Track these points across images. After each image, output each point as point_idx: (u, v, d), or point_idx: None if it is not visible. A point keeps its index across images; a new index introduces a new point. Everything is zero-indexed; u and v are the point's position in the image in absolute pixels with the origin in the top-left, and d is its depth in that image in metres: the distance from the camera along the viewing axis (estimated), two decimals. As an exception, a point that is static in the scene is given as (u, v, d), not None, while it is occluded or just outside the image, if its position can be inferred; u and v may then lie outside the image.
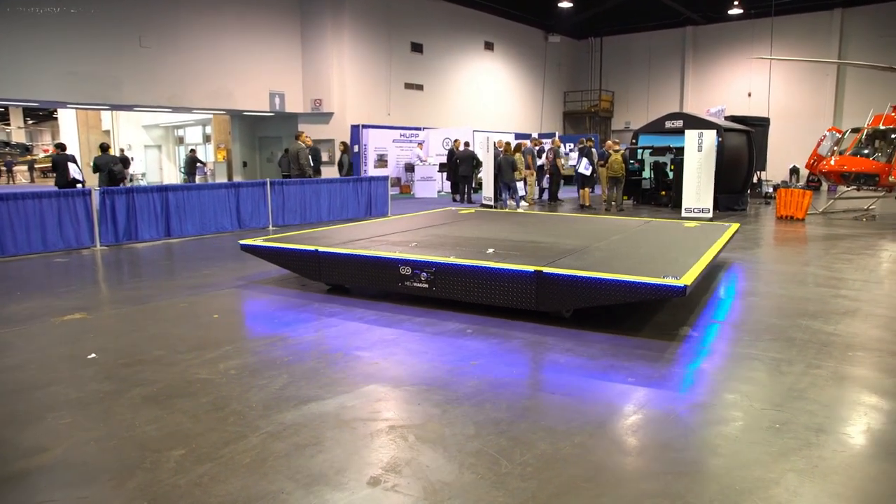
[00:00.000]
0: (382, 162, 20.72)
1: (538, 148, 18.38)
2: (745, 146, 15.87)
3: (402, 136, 21.44)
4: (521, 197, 16.27)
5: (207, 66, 17.56)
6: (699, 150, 13.55)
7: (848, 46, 25.06)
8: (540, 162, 17.99)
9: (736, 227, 8.67)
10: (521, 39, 27.76)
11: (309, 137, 14.46)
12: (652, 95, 29.81)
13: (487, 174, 16.24)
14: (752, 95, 26.11)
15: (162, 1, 16.33)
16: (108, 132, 26.25)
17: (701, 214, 13.30)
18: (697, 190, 13.65)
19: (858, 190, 14.55)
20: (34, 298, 6.59)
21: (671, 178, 16.23)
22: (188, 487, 2.87)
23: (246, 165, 23.37)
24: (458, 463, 3.09)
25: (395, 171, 20.96)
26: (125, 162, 13.35)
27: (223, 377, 4.25)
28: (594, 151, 16.25)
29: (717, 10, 26.14)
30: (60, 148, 12.83)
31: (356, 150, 20.32)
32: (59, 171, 11.86)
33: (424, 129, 22.23)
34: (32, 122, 44.47)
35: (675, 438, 3.37)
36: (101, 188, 10.37)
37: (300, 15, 19.82)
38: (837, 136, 15.81)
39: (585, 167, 15.81)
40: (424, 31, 22.89)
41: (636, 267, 5.51)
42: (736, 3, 24.35)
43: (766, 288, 7.26)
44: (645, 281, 4.97)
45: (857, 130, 14.90)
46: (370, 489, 2.86)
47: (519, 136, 22.77)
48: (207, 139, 26.07)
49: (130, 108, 18.66)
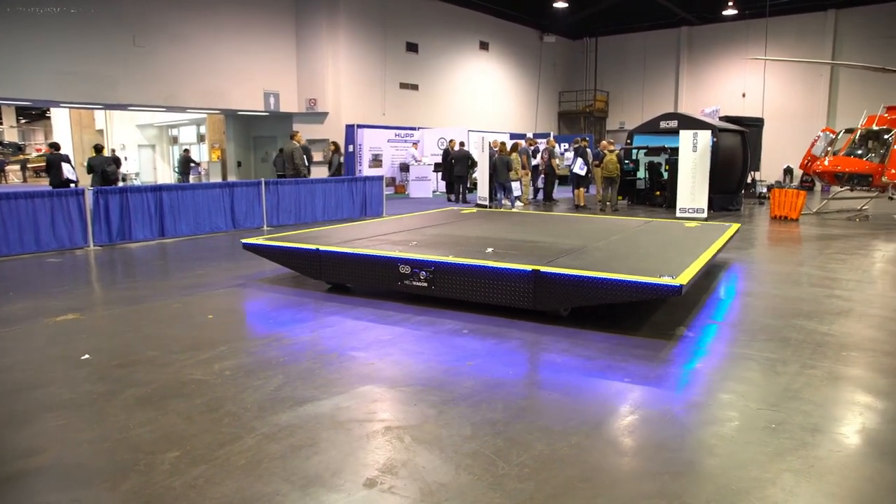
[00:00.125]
0: (377, 162, 20.68)
1: (533, 148, 18.40)
2: (739, 146, 15.92)
3: (396, 135, 21.41)
4: (516, 197, 16.28)
5: (202, 65, 17.50)
6: (694, 150, 13.58)
7: (842, 47, 25.17)
8: (535, 162, 18.00)
9: (736, 227, 8.70)
10: (516, 39, 27.77)
11: (301, 137, 14.42)
12: (647, 96, 29.87)
13: (482, 174, 16.24)
14: (746, 96, 26.17)
15: (156, 0, 16.26)
16: (101, 132, 26.14)
17: (695, 214, 13.32)
18: (692, 190, 13.68)
19: (852, 190, 14.62)
20: (27, 299, 6.55)
21: (666, 178, 16.27)
22: (183, 490, 2.85)
23: (240, 165, 23.31)
24: (454, 464, 3.08)
25: (389, 171, 20.92)
26: (116, 162, 13.29)
27: (218, 378, 4.23)
28: (589, 151, 16.26)
29: (711, 10, 26.19)
30: (54, 147, 12.76)
31: (351, 149, 20.28)
32: (53, 170, 11.79)
33: (419, 128, 22.21)
34: (25, 121, 44.23)
35: (671, 438, 3.37)
36: (94, 188, 10.31)
37: (295, 14, 19.77)
38: (831, 136, 15.87)
39: (580, 167, 15.83)
40: (420, 30, 22.87)
41: (633, 266, 5.52)
42: (730, 3, 24.40)
43: (760, 288, 7.28)
44: (641, 280, 4.99)
45: (850, 131, 14.97)
46: (366, 491, 2.84)
47: (514, 136, 22.77)
48: (202, 139, 25.97)
49: (125, 107, 18.58)
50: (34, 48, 14.11)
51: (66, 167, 11.83)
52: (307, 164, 14.34)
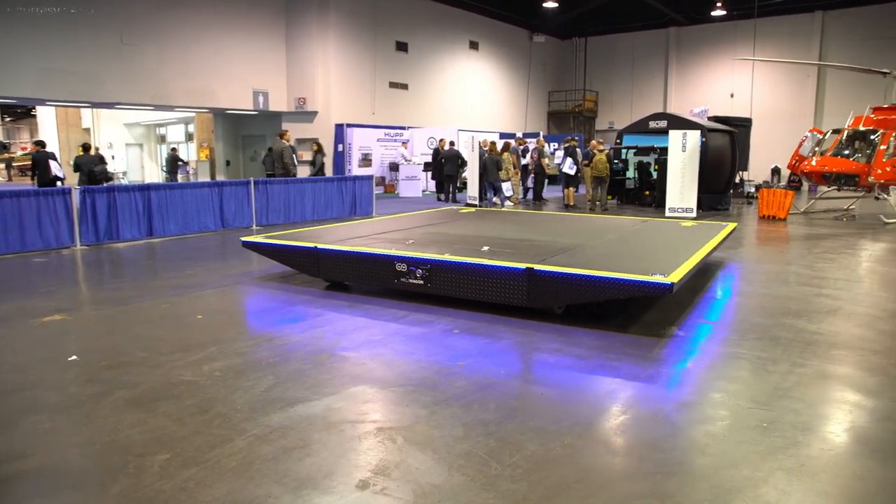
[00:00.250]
0: (367, 161, 20.64)
1: (522, 147, 18.42)
2: (728, 146, 16.00)
3: (386, 135, 21.37)
4: (506, 197, 16.29)
5: (190, 63, 17.37)
6: (683, 150, 13.64)
7: (828, 48, 25.38)
8: (524, 161, 18.02)
9: (732, 226, 8.76)
10: (505, 39, 27.79)
11: (290, 136, 14.35)
12: (636, 96, 29.99)
13: (472, 174, 16.24)
14: (734, 96, 26.33)
15: (143, -3, 16.15)
16: (88, 130, 25.89)
17: (685, 214, 13.38)
18: (681, 190, 13.74)
19: (839, 190, 14.73)
20: (12, 299, 6.46)
21: (655, 177, 16.33)
22: (173, 492, 2.82)
23: (229, 164, 23.18)
24: (447, 465, 3.06)
25: (379, 170, 20.88)
26: (101, 160, 13.23)
27: (208, 379, 4.19)
28: (578, 151, 16.30)
29: (700, 11, 26.33)
30: (40, 145, 12.65)
31: (340, 149, 20.22)
32: (40, 168, 11.71)
33: (409, 128, 22.18)
34: (10, 119, 43.73)
35: (663, 438, 3.38)
36: (81, 187, 10.21)
37: (285, 13, 19.68)
38: (818, 137, 15.97)
39: (570, 167, 15.86)
40: (409, 29, 22.84)
41: (627, 265, 5.57)
42: (719, 4, 24.55)
43: (750, 287, 7.33)
44: (632, 278, 5.05)
45: (837, 131, 15.07)
46: (359, 493, 2.82)
47: (503, 135, 22.79)
48: (190, 138, 25.81)
49: (112, 105, 18.40)
50: (19, 45, 13.93)
51: (53, 164, 11.76)
52: (296, 163, 14.30)
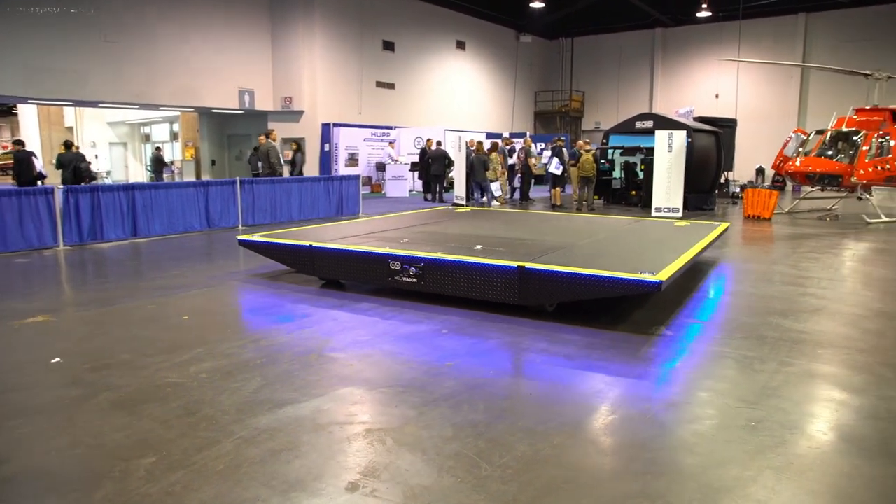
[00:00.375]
0: (353, 161, 20.56)
1: (509, 147, 18.45)
2: (713, 147, 16.10)
3: (373, 134, 21.30)
4: (494, 196, 16.29)
5: (175, 61, 17.20)
6: (669, 150, 13.72)
7: (811, 50, 25.66)
8: (511, 161, 18.05)
9: (725, 226, 8.84)
10: (492, 39, 27.80)
11: (264, 136, 14.24)
12: (622, 96, 30.13)
13: (459, 173, 16.23)
14: (719, 97, 26.55)
15: (127, -5, 15.97)
16: (71, 129, 25.55)
17: (671, 214, 13.46)
18: (667, 190, 13.81)
19: (822, 190, 14.88)
20: (-6, 300, 6.37)
21: (641, 177, 16.41)
22: (160, 496, 2.78)
23: (214, 164, 22.99)
24: (437, 466, 3.05)
25: (366, 170, 20.81)
26: (82, 159, 13.16)
27: (194, 381, 4.15)
28: (565, 151, 16.35)
29: (685, 12, 26.50)
30: (19, 144, 12.51)
31: (327, 148, 20.13)
32: (22, 167, 11.58)
33: (396, 127, 22.12)
34: (-9, 117, 43.12)
35: (652, 438, 3.38)
36: (64, 186, 10.08)
37: (270, 11, 19.55)
38: (802, 137, 16.12)
39: (556, 167, 15.91)
40: (396, 29, 22.77)
41: (616, 263, 5.65)
42: (704, 5, 24.72)
43: (736, 286, 7.38)
44: (621, 276, 5.13)
45: (821, 132, 15.22)
46: (349, 495, 2.80)
47: (490, 135, 22.80)
48: (175, 137, 25.56)
49: (95, 104, 18.17)
50: None
51: (36, 162, 11.72)
52: (283, 162, 14.22)
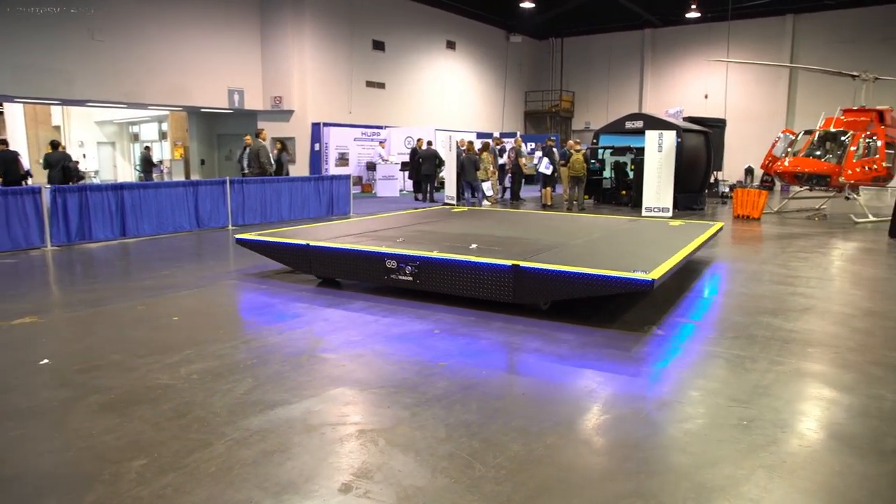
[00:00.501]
0: (344, 161, 20.51)
1: (499, 147, 18.46)
2: (703, 147, 16.19)
3: (363, 134, 21.25)
4: (485, 196, 16.31)
5: (164, 60, 17.07)
6: (659, 150, 13.78)
7: (799, 51, 25.86)
8: (501, 161, 18.07)
9: (719, 226, 8.90)
10: (483, 39, 27.82)
11: (251, 136, 14.18)
12: (612, 96, 30.23)
13: (450, 173, 16.23)
14: (708, 97, 26.69)
15: (115, -7, 15.83)
16: (58, 128, 25.33)
17: (661, 214, 13.51)
18: (657, 189, 13.87)
19: (811, 190, 14.99)
20: (-19, 302, 6.30)
21: (631, 177, 16.47)
22: (151, 499, 2.75)
23: (204, 163, 22.86)
24: (430, 467, 3.04)
25: (356, 169, 20.77)
26: (69, 159, 13.12)
27: (185, 382, 4.11)
28: (555, 151, 16.39)
29: (675, 13, 26.64)
30: (3, 144, 12.40)
31: (317, 148, 20.06)
32: (8, 167, 11.48)
33: (386, 127, 22.09)
34: (-24, 117, 42.67)
35: (645, 437, 3.39)
36: (52, 186, 9.99)
37: (259, 10, 19.46)
38: (791, 137, 16.24)
39: (546, 166, 15.94)
40: (386, 28, 22.73)
41: (610, 262, 5.70)
42: (693, 6, 24.85)
43: (727, 286, 7.42)
44: (614, 275, 5.17)
45: (809, 132, 15.33)
46: (341, 496, 2.79)
47: (481, 135, 22.80)
48: (164, 136, 25.40)
49: (83, 103, 18.01)
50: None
51: (23, 161, 11.71)
52: (272, 161, 14.16)
